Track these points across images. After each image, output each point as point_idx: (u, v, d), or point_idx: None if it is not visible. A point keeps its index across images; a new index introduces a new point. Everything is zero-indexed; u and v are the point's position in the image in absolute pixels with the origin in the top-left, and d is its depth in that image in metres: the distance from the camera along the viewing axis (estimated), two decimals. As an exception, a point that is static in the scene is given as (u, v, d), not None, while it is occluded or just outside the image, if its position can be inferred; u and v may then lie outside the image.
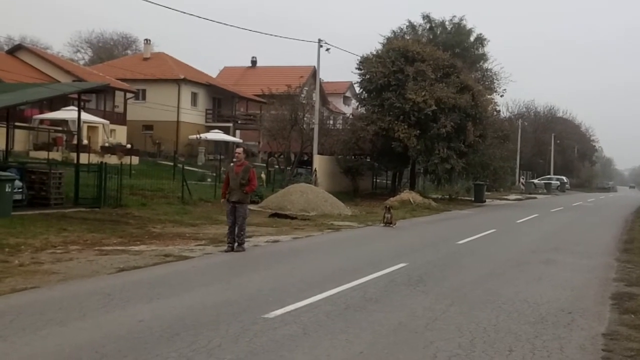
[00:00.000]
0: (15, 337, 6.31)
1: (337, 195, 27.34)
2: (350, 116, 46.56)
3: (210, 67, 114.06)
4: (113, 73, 44.63)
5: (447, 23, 55.08)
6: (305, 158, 39.31)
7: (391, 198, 29.71)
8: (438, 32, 54.51)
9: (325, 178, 33.91)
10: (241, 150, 13.93)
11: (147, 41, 55.13)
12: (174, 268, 10.88)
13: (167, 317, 7.29)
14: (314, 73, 41.51)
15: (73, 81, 37.89)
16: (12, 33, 68.45)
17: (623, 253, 15.35)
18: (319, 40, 34.14)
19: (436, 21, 55.13)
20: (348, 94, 68.55)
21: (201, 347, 6.17)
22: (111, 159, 29.97)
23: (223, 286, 9.41)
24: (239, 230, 13.06)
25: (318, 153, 34.65)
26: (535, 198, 50.97)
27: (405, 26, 53.83)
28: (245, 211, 13.21)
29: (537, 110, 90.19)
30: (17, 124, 28.50)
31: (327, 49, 34.12)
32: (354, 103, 55.94)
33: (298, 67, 53.91)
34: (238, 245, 13.03)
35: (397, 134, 32.48)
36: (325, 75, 53.59)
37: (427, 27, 54.97)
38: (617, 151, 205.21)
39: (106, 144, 37.39)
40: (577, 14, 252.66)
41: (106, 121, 38.17)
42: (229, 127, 50.15)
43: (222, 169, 31.66)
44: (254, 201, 24.65)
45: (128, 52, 68.15)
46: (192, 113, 49.56)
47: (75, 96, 26.26)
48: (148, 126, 47.18)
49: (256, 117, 50.01)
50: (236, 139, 48.41)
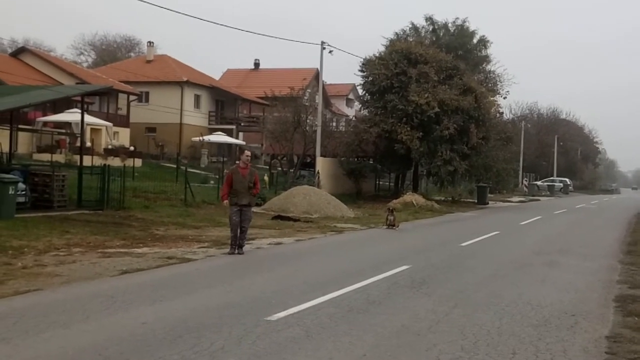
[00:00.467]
0: (18, 340, 6.32)
1: (340, 197, 27.32)
2: (353, 118, 46.59)
3: (213, 70, 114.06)
4: (116, 75, 44.71)
5: (450, 25, 55.01)
6: (308, 160, 39.29)
7: (394, 200, 29.67)
8: (441, 34, 54.44)
9: (328, 180, 33.91)
10: (250, 153, 14.00)
11: (150, 44, 55.34)
12: (177, 270, 10.89)
13: (170, 320, 7.29)
14: (317, 75, 41.51)
15: (76, 84, 38.11)
16: (16, 35, 68.87)
17: (627, 255, 15.33)
18: (322, 42, 34.18)
19: (439, 23, 55.08)
20: (351, 96, 68.55)
21: (204, 350, 6.17)
22: (114, 162, 29.99)
23: (226, 288, 9.41)
24: (243, 233, 13.10)
25: (321, 155, 34.63)
26: (538, 200, 50.89)
27: (408, 28, 53.83)
28: (251, 214, 13.49)
29: (540, 112, 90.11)
30: (21, 127, 28.55)
31: (330, 51, 34.22)
32: (357, 105, 55.93)
33: (301, 70, 53.93)
34: (239, 247, 13.05)
35: (400, 136, 32.45)
36: (328, 77, 53.61)
37: (430, 29, 54.90)
38: (621, 153, 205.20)
39: (109, 147, 37.43)
40: (578, 13, 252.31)
41: (109, 123, 38.22)
42: (232, 130, 50.28)
43: (225, 171, 31.65)
44: (257, 203, 24.67)
45: (131, 55, 68.30)
46: (195, 115, 49.65)
47: (78, 98, 26.33)
48: (151, 128, 47.28)
49: (259, 120, 50.06)
50: (239, 141, 48.48)
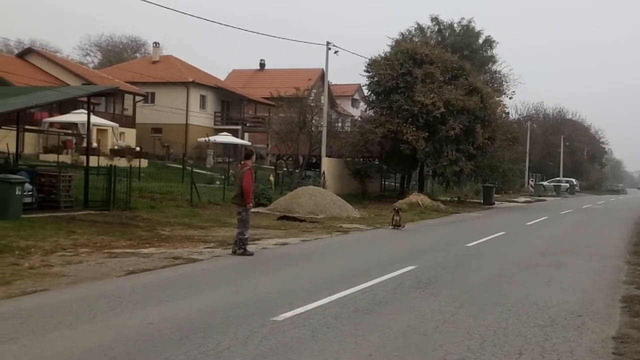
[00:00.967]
0: (25, 340, 6.34)
1: (346, 197, 27.31)
2: (358, 118, 46.58)
3: (218, 70, 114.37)
4: (122, 76, 44.81)
5: (456, 25, 54.99)
6: (313, 160, 39.32)
7: (400, 200, 29.63)
8: (446, 34, 54.41)
9: (333, 180, 33.91)
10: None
11: (156, 44, 55.45)
12: (183, 271, 10.91)
13: (176, 320, 7.30)
14: (322, 75, 41.52)
15: (82, 84, 38.22)
16: (22, 37, 69.00)
17: (633, 255, 15.28)
18: (327, 42, 34.16)
19: (445, 23, 55.05)
20: (356, 97, 68.53)
21: (210, 350, 6.18)
22: (120, 162, 30.04)
23: (232, 289, 9.42)
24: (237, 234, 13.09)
25: (326, 155, 34.64)
26: (544, 200, 50.75)
27: (413, 28, 53.88)
28: (244, 215, 13.05)
29: (546, 112, 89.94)
30: (27, 127, 28.58)
31: (336, 52, 34.15)
32: (362, 105, 55.93)
33: (306, 70, 53.92)
34: (238, 248, 12.96)
35: (406, 137, 32.40)
36: (333, 77, 53.73)
37: (436, 30, 54.89)
38: (627, 153, 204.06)
39: (115, 147, 37.53)
40: (578, 13, 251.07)
41: (115, 124, 38.30)
42: (238, 130, 50.29)
43: (231, 172, 31.71)
44: (262, 204, 24.72)
45: (137, 56, 68.45)
46: (201, 116, 49.72)
47: (84, 99, 26.39)
48: (157, 129, 47.37)
49: (264, 120, 50.09)
50: (245, 142, 48.52)
